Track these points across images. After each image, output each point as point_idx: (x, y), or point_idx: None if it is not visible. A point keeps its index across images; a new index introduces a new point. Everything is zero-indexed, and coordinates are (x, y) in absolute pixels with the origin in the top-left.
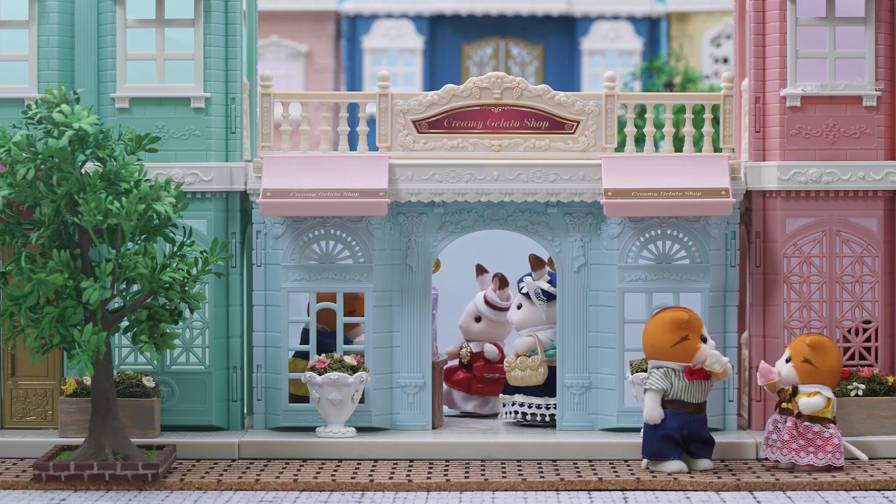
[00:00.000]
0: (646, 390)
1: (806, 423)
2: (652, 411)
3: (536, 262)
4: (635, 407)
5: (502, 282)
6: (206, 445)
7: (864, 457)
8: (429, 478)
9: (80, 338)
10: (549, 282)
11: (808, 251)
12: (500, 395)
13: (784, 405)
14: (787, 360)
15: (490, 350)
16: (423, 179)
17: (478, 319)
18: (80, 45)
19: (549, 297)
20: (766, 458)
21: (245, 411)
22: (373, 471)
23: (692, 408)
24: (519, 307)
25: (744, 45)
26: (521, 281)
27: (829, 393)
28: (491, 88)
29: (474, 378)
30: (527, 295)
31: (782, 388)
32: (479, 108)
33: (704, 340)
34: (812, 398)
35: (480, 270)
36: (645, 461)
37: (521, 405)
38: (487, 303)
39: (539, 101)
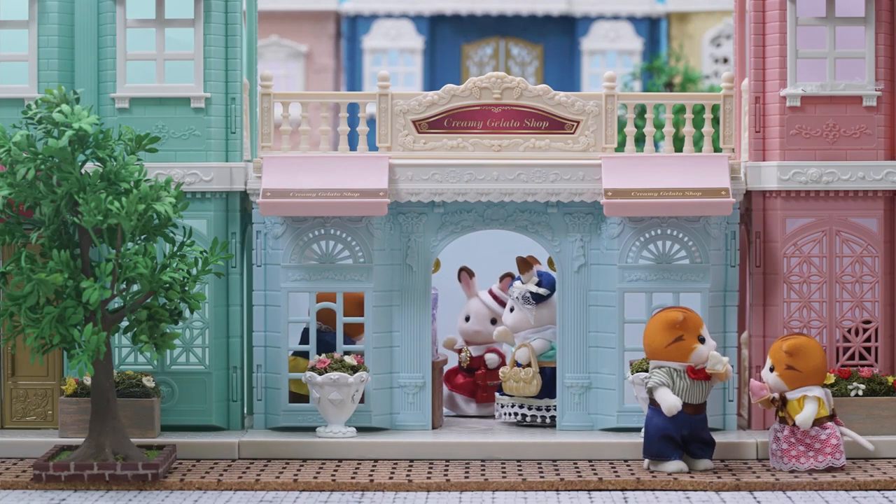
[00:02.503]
0: (650, 389)
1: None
2: (669, 401)
3: (523, 265)
4: (635, 407)
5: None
6: (206, 445)
7: (869, 446)
8: (429, 478)
9: (80, 338)
10: (538, 283)
11: (808, 251)
12: (497, 395)
13: (780, 414)
14: (771, 370)
15: (491, 358)
16: (423, 179)
17: (493, 321)
18: (80, 45)
19: (539, 299)
20: (773, 467)
21: (245, 411)
22: (373, 471)
23: (692, 409)
24: (511, 310)
25: (744, 45)
26: (510, 286)
27: (817, 392)
28: (491, 88)
29: (478, 386)
30: (517, 299)
31: (773, 398)
32: (479, 108)
33: (702, 341)
34: (805, 410)
35: (470, 274)
36: (646, 461)
37: (521, 406)
38: (497, 300)
39: (539, 101)
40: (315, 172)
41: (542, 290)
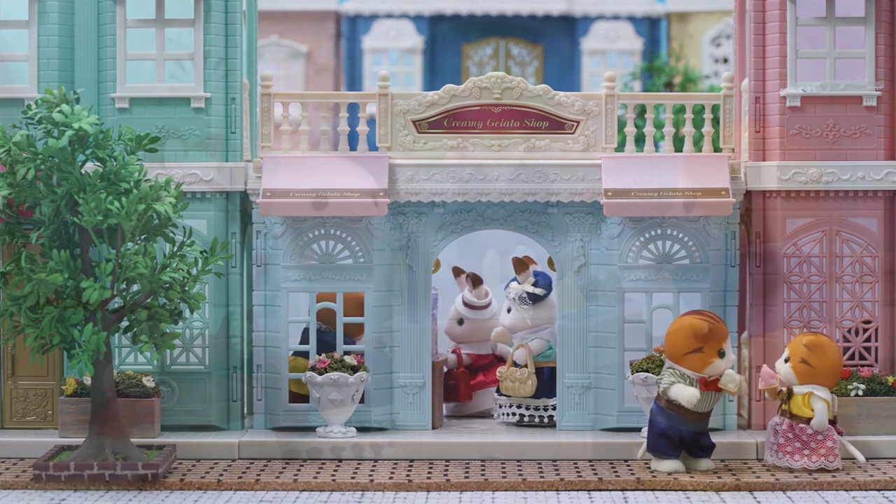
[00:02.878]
0: (664, 390)
1: (801, 426)
2: (687, 393)
3: (519, 265)
4: (635, 407)
5: (475, 281)
6: (206, 445)
7: (860, 457)
8: (429, 478)
9: (80, 338)
10: (534, 283)
11: (808, 251)
12: (495, 395)
13: (783, 407)
14: (786, 361)
15: (449, 358)
16: (423, 179)
17: (460, 322)
18: (80, 45)
19: (536, 299)
20: (767, 461)
21: (245, 411)
22: (373, 471)
23: (695, 416)
24: (508, 310)
25: (744, 45)
26: (507, 286)
27: (824, 394)
28: (491, 88)
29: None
30: (514, 300)
31: (780, 389)
32: (479, 108)
33: (722, 355)
34: (816, 412)
35: (457, 272)
36: (643, 451)
37: (519, 406)
38: (465, 304)
39: (539, 101)
40: (315, 172)
41: (538, 291)
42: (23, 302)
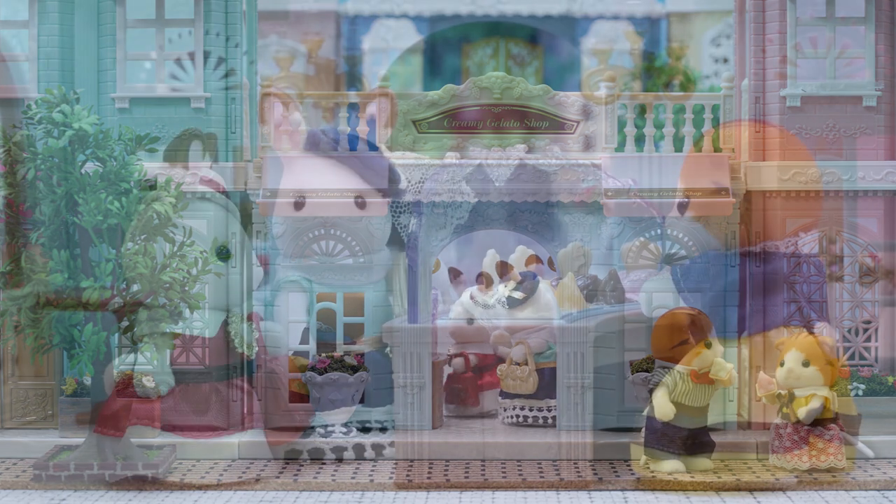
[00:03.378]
0: (650, 390)
1: (807, 428)
2: (662, 408)
3: (500, 269)
4: (635, 407)
5: (488, 281)
6: (206, 445)
7: (870, 453)
8: (429, 478)
9: (80, 338)
10: (520, 282)
11: (808, 251)
12: (499, 398)
13: (784, 410)
14: (805, 365)
15: (455, 362)
16: (423, 179)
17: (470, 322)
18: (80, 45)
19: (514, 303)
20: (774, 465)
21: (245, 411)
22: (373, 471)
23: (693, 411)
24: None
25: (744, 45)
26: (495, 290)
27: (825, 392)
28: (491, 88)
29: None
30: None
31: (779, 393)
32: (479, 108)
33: (709, 346)
34: (811, 406)
35: (455, 273)
36: (643, 458)
37: (523, 408)
38: (475, 301)
39: (539, 101)
40: (315, 172)
41: (516, 295)
42: (23, 302)
